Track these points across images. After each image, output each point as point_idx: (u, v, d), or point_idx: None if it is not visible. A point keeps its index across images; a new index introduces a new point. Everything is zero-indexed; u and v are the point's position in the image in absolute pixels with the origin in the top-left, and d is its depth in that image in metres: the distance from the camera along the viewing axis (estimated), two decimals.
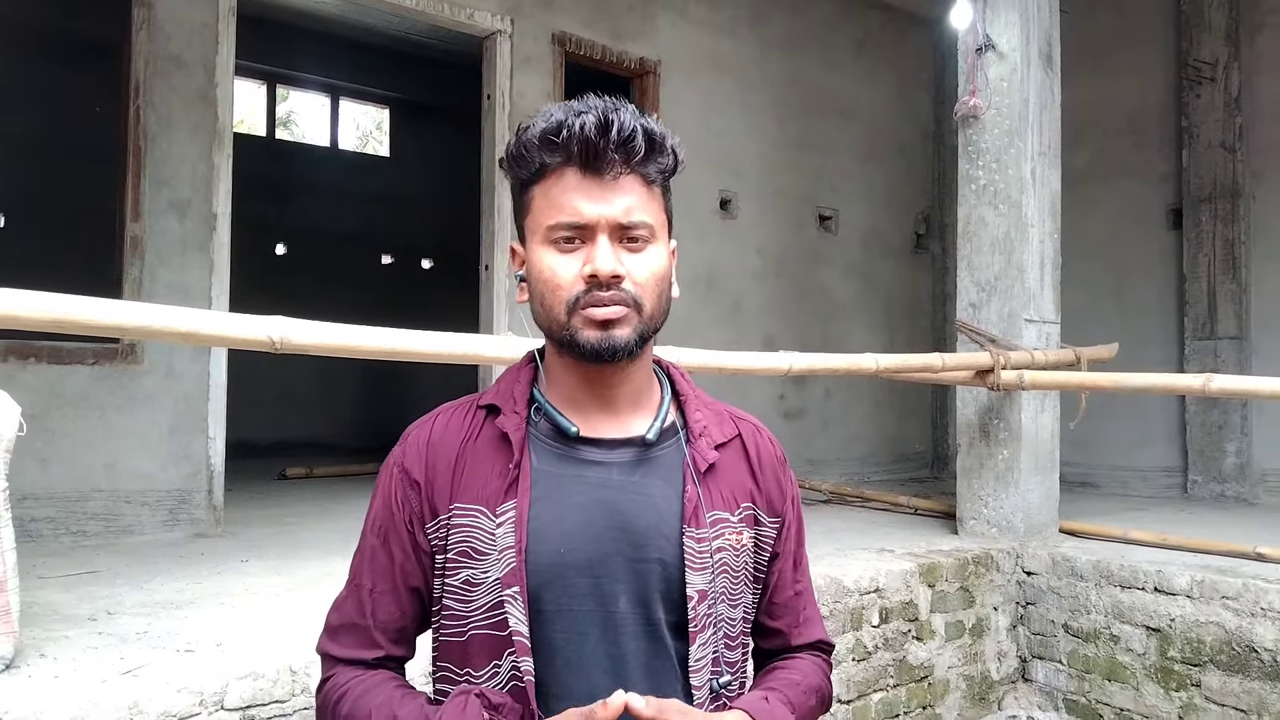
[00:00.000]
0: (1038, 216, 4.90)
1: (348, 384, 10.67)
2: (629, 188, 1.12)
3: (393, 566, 1.20)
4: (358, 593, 1.22)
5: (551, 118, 1.11)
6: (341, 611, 1.24)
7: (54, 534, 4.28)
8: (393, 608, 1.20)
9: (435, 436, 1.21)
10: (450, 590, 1.16)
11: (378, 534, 1.21)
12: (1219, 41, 6.83)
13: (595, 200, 1.11)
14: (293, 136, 12.27)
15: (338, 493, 6.28)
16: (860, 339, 7.73)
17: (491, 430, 1.19)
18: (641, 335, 1.14)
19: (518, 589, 1.11)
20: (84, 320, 2.23)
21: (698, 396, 1.28)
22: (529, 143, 1.13)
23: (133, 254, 4.57)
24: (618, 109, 1.11)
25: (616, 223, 1.11)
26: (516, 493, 1.14)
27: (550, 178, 1.13)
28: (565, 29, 6.20)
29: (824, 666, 1.35)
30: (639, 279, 1.12)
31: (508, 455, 1.16)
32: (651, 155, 1.13)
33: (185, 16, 4.75)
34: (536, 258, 1.14)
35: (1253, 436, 6.67)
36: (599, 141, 1.09)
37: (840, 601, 3.81)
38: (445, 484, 1.17)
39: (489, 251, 5.91)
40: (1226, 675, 3.89)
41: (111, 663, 2.45)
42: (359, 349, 2.75)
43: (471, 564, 1.14)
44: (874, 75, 8.19)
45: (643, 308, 1.13)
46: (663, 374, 1.29)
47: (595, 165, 1.10)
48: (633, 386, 1.21)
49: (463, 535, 1.15)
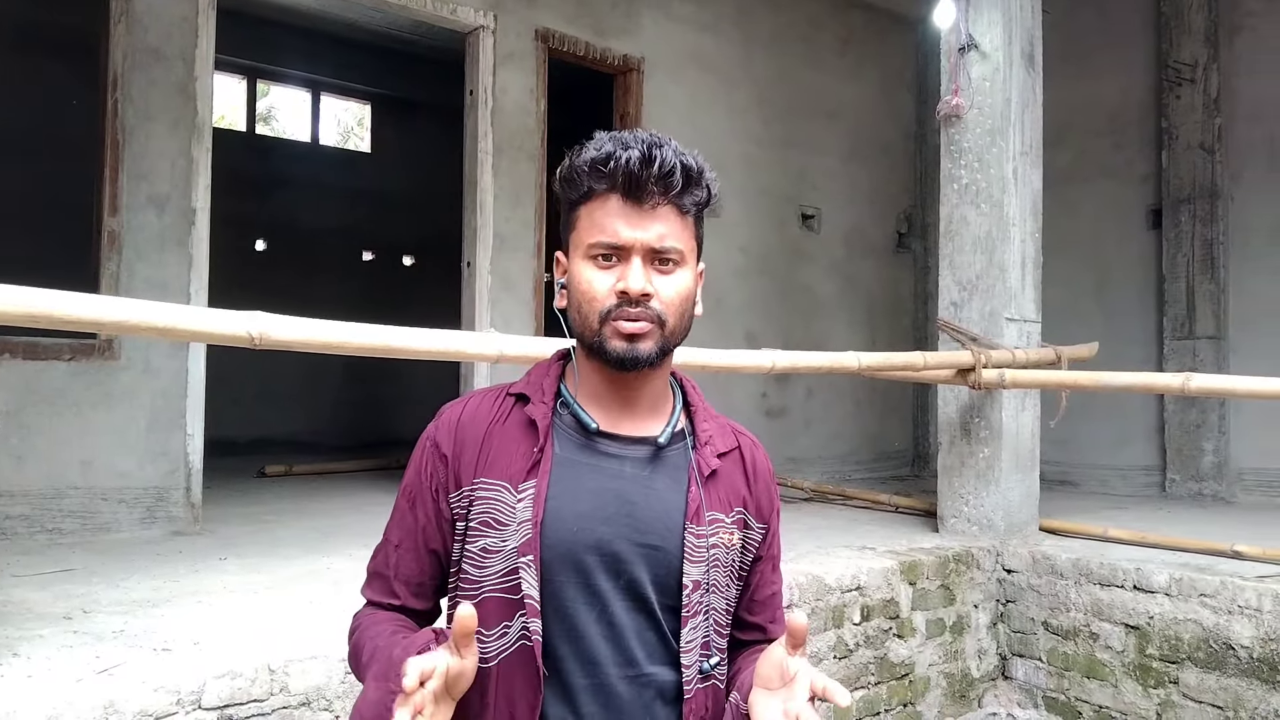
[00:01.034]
0: (1019, 216, 4.92)
1: (328, 382, 10.60)
2: (665, 216, 1.25)
3: (416, 528, 1.34)
4: (386, 546, 1.38)
5: (602, 148, 1.25)
6: (375, 561, 1.39)
7: (29, 531, 4.23)
8: (413, 564, 1.35)
9: (466, 416, 1.35)
10: (468, 556, 1.29)
11: (407, 498, 1.36)
12: (1198, 43, 6.89)
13: (634, 226, 1.24)
14: (273, 132, 12.18)
15: (317, 491, 6.24)
16: (842, 337, 7.75)
17: (520, 416, 1.33)
18: (662, 349, 1.28)
19: (532, 557, 1.24)
20: (61, 315, 2.21)
21: (705, 409, 1.41)
22: (580, 168, 1.26)
23: (110, 249, 4.52)
24: (661, 145, 1.24)
25: (650, 247, 1.25)
26: (538, 473, 1.27)
27: (596, 201, 1.26)
28: (549, 25, 6.18)
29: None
30: (666, 298, 1.26)
31: (533, 439, 1.30)
32: (688, 189, 1.26)
33: (164, 9, 4.70)
34: (577, 270, 1.28)
35: (1230, 435, 6.74)
36: (641, 174, 1.23)
37: (822, 599, 3.82)
38: (471, 459, 1.31)
39: (470, 248, 5.88)
40: (1204, 672, 3.92)
41: (87, 661, 2.43)
42: (339, 345, 2.73)
43: (492, 533, 1.27)
44: (857, 74, 8.21)
45: (666, 324, 1.27)
46: (677, 385, 1.42)
47: (636, 194, 1.24)
48: (651, 392, 1.35)
49: (485, 506, 1.28)
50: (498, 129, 5.93)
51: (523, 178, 6.06)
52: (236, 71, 10.55)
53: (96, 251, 4.58)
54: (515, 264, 6.00)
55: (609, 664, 1.25)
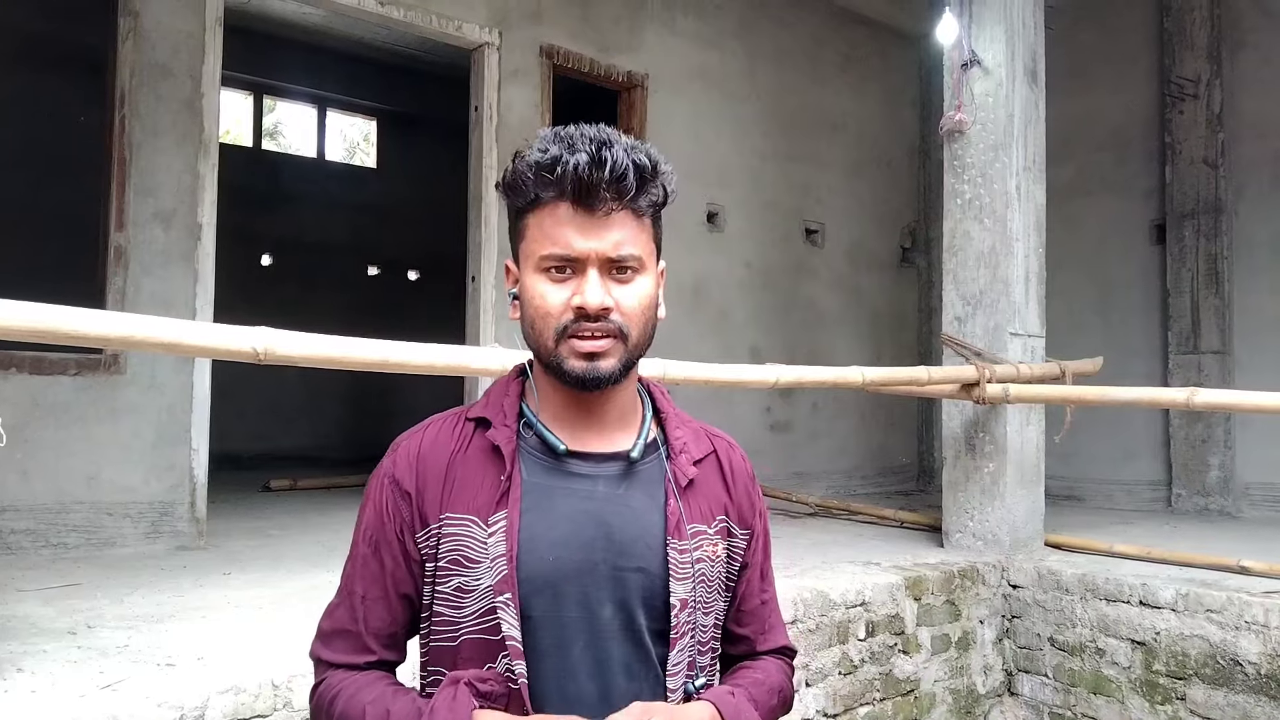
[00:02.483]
0: (1023, 231, 4.93)
1: (333, 396, 10.62)
2: (620, 222, 1.16)
3: (384, 574, 1.23)
4: (349, 599, 1.26)
5: (547, 152, 1.14)
6: (334, 618, 1.27)
7: (34, 546, 4.23)
8: (384, 614, 1.24)
9: (425, 448, 1.25)
10: (441, 597, 1.20)
11: (369, 543, 1.25)
12: (1201, 59, 6.90)
13: (587, 235, 1.15)
14: (280, 147, 12.21)
15: (322, 505, 6.24)
16: (846, 352, 7.75)
17: (481, 442, 1.24)
18: (626, 364, 1.19)
19: (510, 595, 1.16)
20: (67, 330, 2.21)
21: (677, 415, 1.33)
22: (524, 174, 1.17)
23: (116, 264, 4.54)
24: (611, 144, 1.14)
25: (606, 257, 1.16)
26: (508, 503, 1.19)
27: (544, 209, 1.17)
28: (553, 42, 6.22)
29: (787, 670, 1.41)
30: (626, 309, 1.18)
31: (499, 467, 1.21)
32: (643, 189, 1.17)
33: (172, 26, 4.74)
34: (529, 283, 1.19)
35: (1236, 450, 6.71)
36: (591, 178, 1.13)
37: (826, 615, 3.80)
38: (435, 495, 1.21)
39: (475, 263, 5.90)
40: (1211, 689, 3.89)
41: (91, 677, 2.42)
42: (344, 360, 2.74)
43: (463, 571, 1.18)
44: (860, 90, 8.24)
45: (629, 337, 1.18)
46: (644, 391, 1.34)
47: (588, 201, 1.14)
48: (617, 405, 1.26)
49: (454, 544, 1.19)
50: (503, 144, 5.95)
51: None
52: (243, 87, 10.61)
53: (103, 266, 4.59)
54: None
55: (594, 701, 1.17)
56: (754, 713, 1.25)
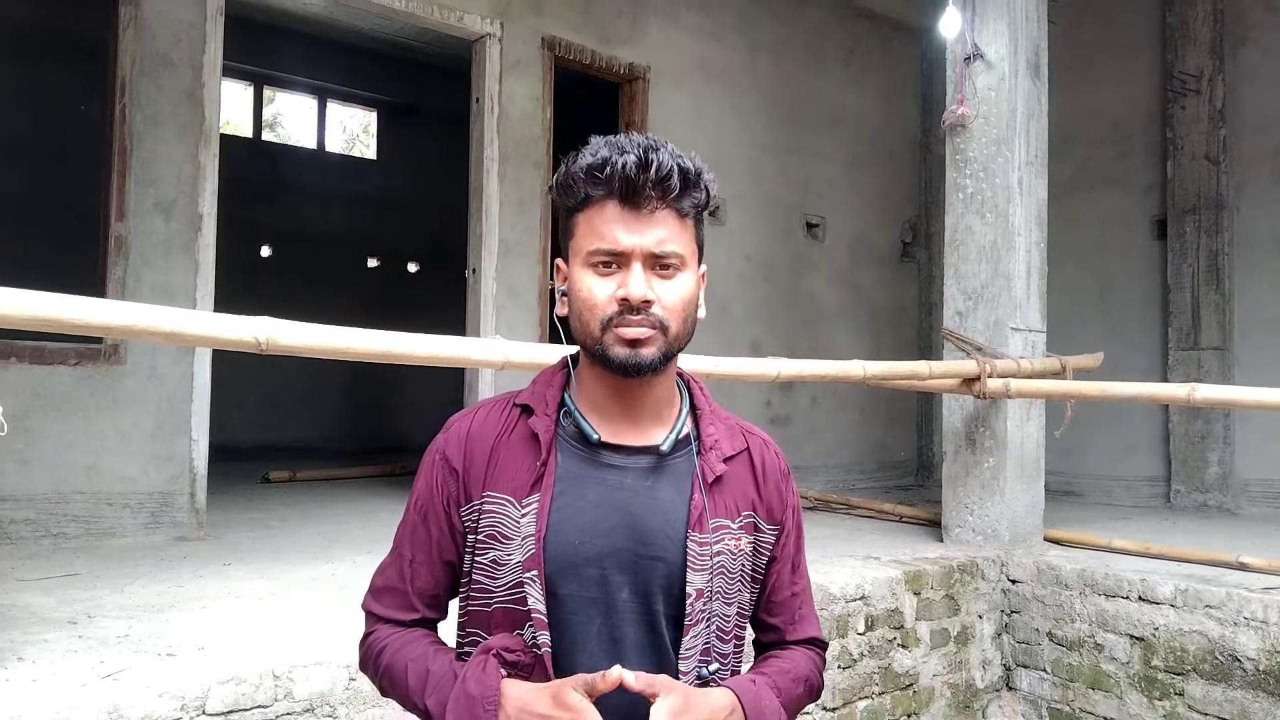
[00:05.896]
0: (1024, 225, 4.92)
1: (333, 387, 10.61)
2: (663, 221, 1.25)
3: (430, 541, 1.35)
4: (399, 561, 1.38)
5: (598, 154, 1.24)
6: (385, 575, 1.39)
7: (34, 536, 4.24)
8: (429, 577, 1.36)
9: (474, 429, 1.35)
10: (479, 567, 1.31)
11: (419, 511, 1.37)
12: (1204, 54, 6.89)
13: (632, 231, 1.23)
14: (280, 138, 12.18)
15: (321, 496, 6.24)
16: (846, 346, 7.74)
17: (524, 428, 1.33)
18: (665, 354, 1.27)
19: (536, 572, 1.25)
20: (68, 319, 2.21)
21: (713, 411, 1.40)
22: (576, 175, 1.26)
23: (117, 254, 4.54)
24: (658, 148, 1.23)
25: (650, 252, 1.24)
26: (541, 488, 1.28)
27: (593, 207, 1.25)
28: (555, 34, 6.20)
29: (816, 660, 1.48)
30: (668, 304, 1.25)
31: (536, 453, 1.30)
32: (686, 191, 1.25)
33: (173, 15, 4.72)
34: (577, 278, 1.27)
35: (1235, 446, 6.72)
36: (638, 179, 1.22)
37: (826, 609, 3.81)
38: (480, 473, 1.32)
39: (476, 255, 5.89)
40: (1209, 684, 3.90)
41: (91, 666, 2.43)
42: (345, 350, 2.73)
43: (498, 546, 1.29)
44: (862, 83, 8.22)
45: (669, 329, 1.26)
46: (684, 386, 1.41)
47: (634, 200, 1.23)
48: (654, 398, 1.34)
49: (492, 520, 1.30)
50: (503, 136, 5.94)
51: (528, 185, 6.07)
52: (243, 78, 10.59)
53: (103, 256, 4.59)
54: (520, 271, 6.01)
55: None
56: (775, 701, 1.31)
